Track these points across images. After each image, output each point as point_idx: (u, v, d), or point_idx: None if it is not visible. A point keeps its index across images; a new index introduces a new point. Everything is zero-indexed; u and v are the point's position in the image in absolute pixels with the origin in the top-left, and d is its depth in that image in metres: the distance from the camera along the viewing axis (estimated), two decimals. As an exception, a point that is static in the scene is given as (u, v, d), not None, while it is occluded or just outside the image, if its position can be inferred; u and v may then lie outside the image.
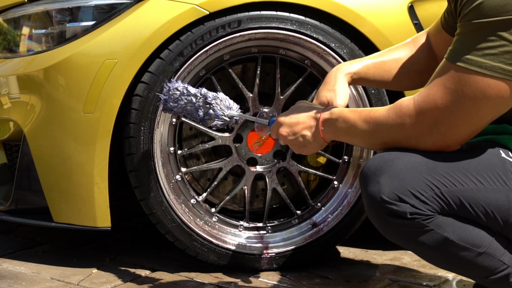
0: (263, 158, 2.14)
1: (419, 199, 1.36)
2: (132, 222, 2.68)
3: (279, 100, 2.09)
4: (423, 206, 1.37)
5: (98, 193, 1.97)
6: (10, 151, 2.23)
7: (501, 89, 1.32)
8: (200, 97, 1.73)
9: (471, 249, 1.41)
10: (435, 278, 2.08)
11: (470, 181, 1.38)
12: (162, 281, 2.04)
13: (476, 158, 1.40)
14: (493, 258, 1.43)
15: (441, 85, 1.36)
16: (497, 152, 1.42)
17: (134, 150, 1.98)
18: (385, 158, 1.40)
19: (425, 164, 1.38)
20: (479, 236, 1.41)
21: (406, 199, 1.36)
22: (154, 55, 1.95)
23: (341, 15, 1.99)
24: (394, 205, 1.36)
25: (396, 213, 1.37)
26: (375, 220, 1.43)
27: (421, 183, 1.37)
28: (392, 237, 1.45)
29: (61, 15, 2.04)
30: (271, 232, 2.15)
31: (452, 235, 1.39)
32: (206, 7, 1.94)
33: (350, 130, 1.50)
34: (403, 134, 1.41)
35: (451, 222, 1.39)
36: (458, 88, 1.34)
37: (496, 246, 1.43)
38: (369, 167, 1.41)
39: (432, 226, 1.38)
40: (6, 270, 2.11)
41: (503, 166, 1.40)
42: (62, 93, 1.98)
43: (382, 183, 1.37)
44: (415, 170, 1.37)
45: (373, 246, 2.39)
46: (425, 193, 1.36)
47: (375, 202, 1.38)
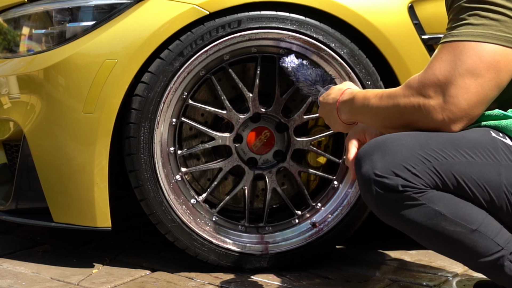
0: (263, 158, 2.14)
1: (410, 172, 1.39)
2: (132, 222, 2.68)
3: (279, 100, 2.09)
4: (415, 180, 1.39)
5: (98, 193, 1.97)
6: (10, 151, 2.23)
7: (496, 53, 1.40)
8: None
9: (463, 224, 1.42)
10: (435, 278, 2.08)
11: (461, 155, 1.41)
12: (162, 281, 2.04)
13: (467, 136, 1.44)
14: (486, 237, 1.43)
15: (439, 59, 1.44)
16: (488, 132, 1.45)
17: (134, 150, 1.98)
18: (378, 140, 1.46)
19: (417, 142, 1.42)
20: (472, 213, 1.42)
21: (398, 173, 1.39)
22: (154, 55, 1.95)
23: (341, 15, 1.99)
24: (386, 178, 1.40)
25: (388, 187, 1.40)
26: (368, 197, 1.45)
27: (413, 158, 1.40)
28: (386, 215, 1.46)
29: (61, 15, 2.04)
30: (271, 232, 2.15)
31: (444, 209, 1.41)
32: (206, 7, 1.94)
33: (366, 108, 1.57)
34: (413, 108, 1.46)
35: (444, 197, 1.41)
36: (455, 58, 1.42)
37: (490, 226, 1.43)
38: (363, 150, 1.47)
39: (424, 200, 1.40)
40: (6, 270, 2.11)
41: (493, 143, 1.43)
42: (62, 93, 1.98)
43: (374, 160, 1.42)
44: (407, 147, 1.42)
45: (373, 246, 2.39)
46: (417, 166, 1.40)
47: (368, 179, 1.42)
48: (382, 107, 1.53)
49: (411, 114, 1.48)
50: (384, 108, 1.53)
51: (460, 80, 1.42)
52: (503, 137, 1.44)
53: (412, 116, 1.48)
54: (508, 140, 1.44)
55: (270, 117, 2.12)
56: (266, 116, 2.11)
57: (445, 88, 1.42)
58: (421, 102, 1.45)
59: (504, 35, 1.41)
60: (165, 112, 2.00)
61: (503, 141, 1.44)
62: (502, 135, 1.45)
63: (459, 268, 2.14)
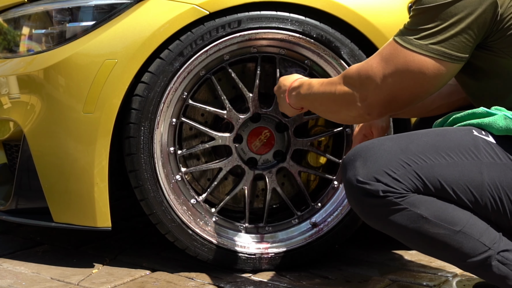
0: (263, 158, 2.14)
1: (391, 177, 1.41)
2: (132, 222, 2.68)
3: (279, 100, 2.09)
4: (395, 184, 1.41)
5: (98, 193, 1.97)
6: (10, 151, 2.23)
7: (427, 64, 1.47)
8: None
9: (446, 227, 1.42)
10: (435, 278, 2.08)
11: (441, 157, 1.42)
12: (162, 281, 2.04)
13: (448, 138, 1.45)
14: (471, 238, 1.44)
15: (379, 53, 1.55)
16: (469, 132, 1.46)
17: (134, 150, 1.98)
18: (362, 146, 1.49)
19: (398, 146, 1.44)
20: (455, 214, 1.43)
21: (379, 178, 1.41)
22: (154, 55, 1.95)
23: (341, 15, 1.99)
24: (368, 184, 1.42)
25: (369, 192, 1.42)
26: (353, 203, 1.48)
27: (394, 163, 1.42)
28: (370, 220, 1.49)
29: (61, 15, 2.04)
30: (271, 232, 2.15)
31: (426, 212, 1.42)
32: (206, 7, 1.94)
33: (309, 94, 1.73)
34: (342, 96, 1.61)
35: (425, 200, 1.42)
36: (389, 57, 1.52)
37: (474, 226, 1.44)
38: (347, 156, 1.49)
39: (405, 204, 1.42)
40: (6, 270, 2.11)
41: (474, 143, 1.44)
42: (62, 93, 1.99)
43: (357, 166, 1.44)
44: (388, 152, 1.44)
45: (373, 246, 2.39)
46: (397, 171, 1.41)
47: (351, 185, 1.44)
48: (320, 93, 1.68)
49: (342, 101, 1.61)
50: (321, 93, 1.68)
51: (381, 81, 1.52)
52: (485, 135, 1.45)
53: (343, 102, 1.61)
54: (490, 137, 1.45)
55: (270, 117, 2.12)
56: (266, 116, 2.11)
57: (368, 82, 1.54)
58: (350, 91, 1.58)
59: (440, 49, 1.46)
60: (165, 112, 2.01)
61: (485, 139, 1.44)
62: (485, 133, 1.46)
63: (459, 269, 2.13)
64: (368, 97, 1.56)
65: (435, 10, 1.45)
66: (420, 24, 1.48)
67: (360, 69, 1.57)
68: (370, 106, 1.57)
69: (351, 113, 1.62)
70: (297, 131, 2.13)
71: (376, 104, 1.56)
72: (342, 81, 1.62)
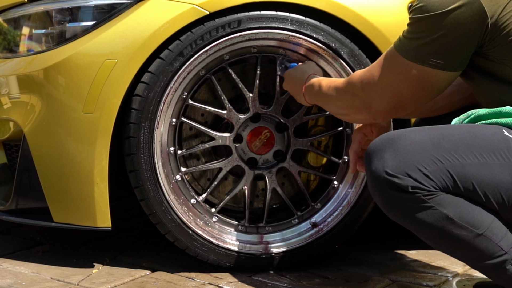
0: (263, 158, 2.14)
1: (422, 173, 1.39)
2: (132, 222, 2.68)
3: (279, 100, 2.09)
4: (426, 181, 1.39)
5: (98, 193, 1.97)
6: (10, 151, 2.23)
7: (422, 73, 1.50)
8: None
9: (469, 229, 1.42)
10: (435, 278, 2.08)
11: (473, 156, 1.40)
12: (162, 281, 2.04)
13: (480, 136, 1.44)
14: (491, 242, 1.44)
15: (380, 61, 1.58)
16: (500, 131, 1.45)
17: (134, 150, 1.98)
18: (390, 136, 1.46)
19: (429, 140, 1.42)
20: (480, 217, 1.42)
21: (410, 173, 1.39)
22: (154, 55, 1.95)
23: (341, 15, 1.99)
24: (397, 178, 1.39)
25: (398, 186, 1.40)
26: (377, 195, 1.45)
27: (425, 158, 1.40)
28: (393, 213, 1.47)
29: (61, 15, 2.04)
30: (271, 232, 2.15)
31: (452, 212, 1.41)
32: (206, 7, 1.94)
33: (320, 95, 1.79)
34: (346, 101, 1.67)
35: (453, 200, 1.41)
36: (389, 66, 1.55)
37: (495, 230, 1.44)
38: (374, 145, 1.46)
39: (433, 202, 1.40)
40: (6, 270, 2.11)
41: (506, 143, 1.43)
42: (62, 93, 1.98)
43: (386, 158, 1.41)
44: (419, 145, 1.41)
45: (373, 246, 2.39)
46: (429, 167, 1.39)
47: (378, 177, 1.42)
48: (329, 96, 1.73)
49: (349, 105, 1.66)
50: (330, 97, 1.73)
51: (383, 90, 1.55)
52: None
53: (350, 107, 1.65)
54: None
55: (270, 117, 2.12)
56: (266, 116, 2.11)
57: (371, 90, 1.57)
58: (356, 97, 1.62)
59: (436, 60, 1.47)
60: (165, 112, 2.00)
61: None
62: None
63: (459, 268, 2.14)
64: (372, 105, 1.59)
65: (428, 20, 1.47)
66: (415, 33, 1.50)
67: (363, 77, 1.60)
68: (375, 113, 1.60)
69: (358, 117, 1.68)
70: (297, 131, 2.13)
71: (380, 111, 1.59)
72: (347, 88, 1.65)
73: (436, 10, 1.46)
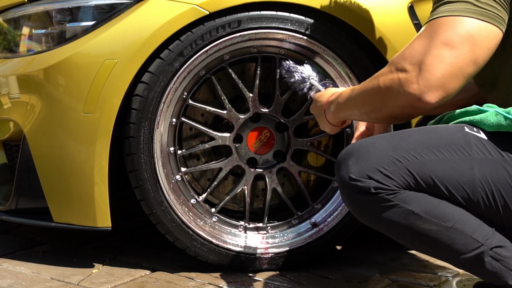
0: (263, 158, 2.14)
1: (382, 173, 1.41)
2: (132, 222, 2.68)
3: (279, 100, 2.09)
4: (387, 181, 1.41)
5: (98, 193, 1.98)
6: (10, 151, 2.23)
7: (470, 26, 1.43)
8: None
9: (438, 223, 1.43)
10: (435, 278, 2.08)
11: (432, 153, 1.42)
12: (162, 281, 2.04)
13: (439, 135, 1.46)
14: (464, 234, 1.44)
15: (418, 36, 1.48)
16: (461, 128, 1.47)
17: (134, 150, 1.98)
18: (354, 145, 1.49)
19: (389, 144, 1.45)
20: (447, 210, 1.43)
21: (371, 175, 1.42)
22: (154, 55, 1.95)
23: (341, 15, 1.99)
24: (359, 181, 1.42)
25: (361, 190, 1.42)
26: (346, 200, 1.48)
27: (385, 160, 1.42)
28: (363, 217, 1.49)
29: (61, 15, 2.04)
30: (271, 232, 2.15)
31: (417, 208, 1.42)
32: (206, 7, 1.94)
33: (350, 99, 1.63)
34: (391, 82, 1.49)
35: (417, 196, 1.43)
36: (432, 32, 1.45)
37: (467, 222, 1.44)
38: (341, 155, 1.49)
39: (397, 200, 1.42)
40: (6, 270, 2.11)
41: (466, 139, 1.44)
42: (62, 93, 1.98)
43: (350, 164, 1.45)
44: (380, 149, 1.44)
45: (373, 246, 2.39)
46: (389, 167, 1.42)
47: (344, 183, 1.45)
48: (362, 91, 1.58)
49: (389, 90, 1.50)
50: (364, 91, 1.58)
51: (435, 50, 1.44)
52: (477, 131, 1.45)
53: (390, 91, 1.49)
54: (482, 134, 1.45)
55: (270, 117, 2.12)
56: (266, 116, 2.11)
57: (421, 59, 1.45)
58: (399, 75, 1.48)
59: (478, 9, 1.43)
60: (165, 112, 2.01)
61: (476, 135, 1.45)
62: (476, 129, 1.46)
63: (459, 268, 2.13)
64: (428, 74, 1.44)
65: None
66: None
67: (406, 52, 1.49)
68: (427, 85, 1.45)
69: (398, 102, 1.50)
70: (297, 131, 2.13)
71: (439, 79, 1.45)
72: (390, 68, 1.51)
73: None
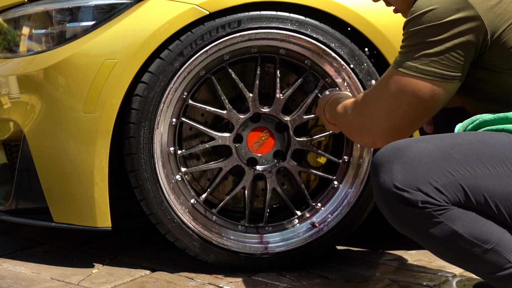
0: (263, 158, 2.14)
1: (433, 186, 1.35)
2: (132, 222, 2.68)
3: (279, 100, 2.09)
4: (437, 195, 1.35)
5: (98, 193, 1.97)
6: (10, 151, 2.23)
7: (416, 87, 1.48)
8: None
9: (478, 244, 1.40)
10: (435, 278, 2.08)
11: (485, 167, 1.37)
12: (162, 281, 2.04)
13: (490, 145, 1.40)
14: (500, 255, 1.42)
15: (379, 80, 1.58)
16: (509, 139, 1.42)
17: (134, 150, 1.98)
18: (398, 145, 1.41)
19: (439, 152, 1.38)
20: (490, 231, 1.40)
21: (420, 187, 1.35)
22: (154, 55, 1.95)
23: (341, 15, 1.99)
24: (406, 192, 1.36)
25: (407, 201, 1.36)
26: (385, 208, 1.42)
27: (436, 171, 1.36)
28: (401, 226, 1.44)
29: (61, 15, 2.04)
30: (271, 232, 2.15)
31: (461, 228, 1.38)
32: (206, 7, 1.94)
33: (335, 115, 1.77)
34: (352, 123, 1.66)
35: (463, 215, 1.38)
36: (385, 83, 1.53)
37: (505, 243, 1.42)
38: (381, 155, 1.42)
39: (443, 218, 1.37)
40: (6, 270, 2.11)
41: None
42: (62, 93, 1.99)
43: (394, 170, 1.37)
44: (429, 157, 1.37)
45: (373, 246, 2.39)
46: (440, 180, 1.36)
47: (387, 190, 1.38)
48: (340, 115, 1.72)
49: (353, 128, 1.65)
50: (340, 116, 1.72)
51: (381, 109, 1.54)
52: None
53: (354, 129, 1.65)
54: None
55: (270, 117, 2.12)
56: (266, 116, 2.11)
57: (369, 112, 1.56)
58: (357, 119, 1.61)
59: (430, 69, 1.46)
60: (165, 112, 2.01)
61: None
62: None
63: (459, 268, 2.13)
64: (371, 126, 1.57)
65: (421, 32, 1.47)
66: (409, 46, 1.49)
67: (365, 97, 1.60)
68: (375, 135, 1.56)
69: (363, 139, 1.64)
70: (297, 131, 2.13)
71: (379, 134, 1.55)
72: (353, 107, 1.64)
73: (431, 22, 1.45)
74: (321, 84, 2.09)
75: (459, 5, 1.43)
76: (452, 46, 1.45)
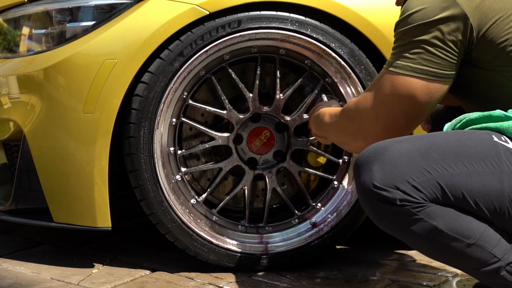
0: (263, 158, 2.14)
1: (410, 184, 1.38)
2: (132, 222, 2.68)
3: (279, 100, 2.09)
4: (414, 193, 1.38)
5: (98, 193, 1.98)
6: (10, 151, 2.23)
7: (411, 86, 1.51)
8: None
9: (460, 239, 1.41)
10: (435, 278, 2.08)
11: (462, 165, 1.39)
12: (162, 281, 2.04)
13: (468, 143, 1.42)
14: (484, 250, 1.43)
15: (372, 84, 1.59)
16: (489, 137, 1.44)
17: (134, 150, 1.98)
18: (379, 146, 1.44)
19: (417, 151, 1.41)
20: (471, 226, 1.41)
21: (398, 185, 1.38)
22: (154, 55, 1.95)
23: (341, 15, 1.99)
24: (385, 191, 1.38)
25: (386, 199, 1.38)
26: (367, 208, 1.45)
27: (413, 169, 1.38)
28: (383, 225, 1.46)
29: (61, 15, 2.04)
30: (271, 232, 2.15)
31: (441, 224, 1.40)
32: (206, 7, 1.94)
33: (323, 126, 1.79)
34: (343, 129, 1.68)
35: (442, 211, 1.40)
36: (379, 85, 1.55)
37: (488, 238, 1.43)
38: (363, 156, 1.45)
39: (422, 215, 1.39)
40: (6, 270, 2.11)
41: (495, 150, 1.41)
42: (62, 93, 1.99)
43: (374, 170, 1.40)
44: (407, 156, 1.40)
45: (373, 246, 2.39)
46: (417, 178, 1.38)
47: (367, 190, 1.41)
48: (329, 124, 1.75)
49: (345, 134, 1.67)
50: (330, 125, 1.74)
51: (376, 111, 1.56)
52: (505, 141, 1.43)
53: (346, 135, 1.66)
54: (510, 143, 1.42)
55: (270, 117, 2.12)
56: (266, 116, 2.12)
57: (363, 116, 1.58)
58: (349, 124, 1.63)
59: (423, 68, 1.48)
60: (165, 112, 2.01)
61: (505, 146, 1.42)
62: (504, 138, 1.43)
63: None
64: (367, 130, 1.58)
65: (412, 31, 1.49)
66: (401, 46, 1.52)
67: (357, 102, 1.61)
68: (372, 138, 1.56)
69: (355, 144, 1.65)
70: (297, 131, 2.13)
71: (375, 136, 1.56)
72: (343, 114, 1.66)
73: (420, 21, 1.48)
74: (321, 84, 2.10)
75: (446, 3, 1.47)
76: (442, 44, 1.47)
